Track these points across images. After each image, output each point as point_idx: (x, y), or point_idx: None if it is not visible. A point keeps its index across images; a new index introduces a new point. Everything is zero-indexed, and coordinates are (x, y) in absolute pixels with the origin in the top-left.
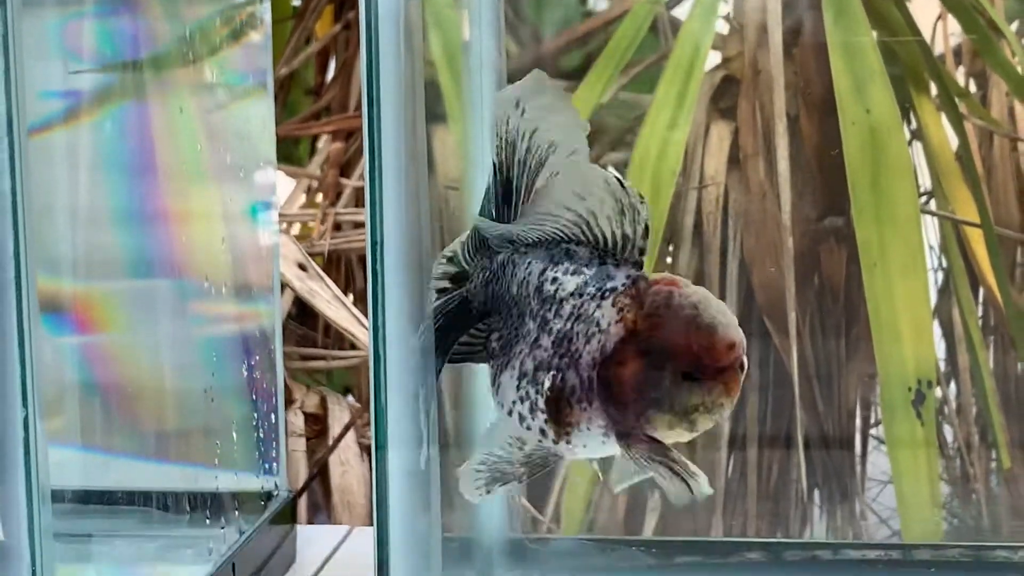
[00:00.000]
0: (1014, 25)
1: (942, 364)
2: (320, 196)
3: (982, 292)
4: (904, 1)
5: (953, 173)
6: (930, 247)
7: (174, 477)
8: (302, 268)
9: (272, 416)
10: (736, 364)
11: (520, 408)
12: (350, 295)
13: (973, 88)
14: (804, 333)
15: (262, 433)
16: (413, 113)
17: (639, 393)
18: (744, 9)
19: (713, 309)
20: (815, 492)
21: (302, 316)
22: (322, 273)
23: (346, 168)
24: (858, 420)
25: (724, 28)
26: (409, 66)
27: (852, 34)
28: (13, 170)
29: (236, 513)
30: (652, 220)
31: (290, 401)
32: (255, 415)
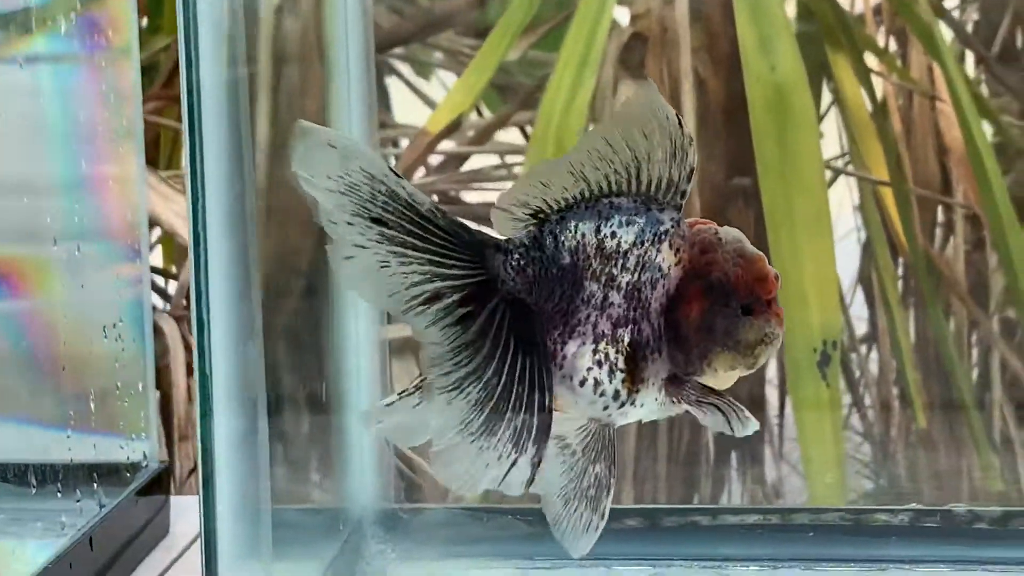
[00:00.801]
0: None
1: (864, 325)
2: None
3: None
4: None
5: (868, 132)
6: (855, 208)
7: (20, 447)
8: None
9: (139, 384)
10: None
11: (597, 373)
12: None
13: (893, 47)
14: None
15: (127, 402)
16: (237, 109)
17: (706, 332)
18: None
19: (749, 244)
20: (731, 455)
21: None
22: None
23: None
24: (776, 383)
25: None
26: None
27: None
28: None
29: (95, 485)
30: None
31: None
32: (118, 384)
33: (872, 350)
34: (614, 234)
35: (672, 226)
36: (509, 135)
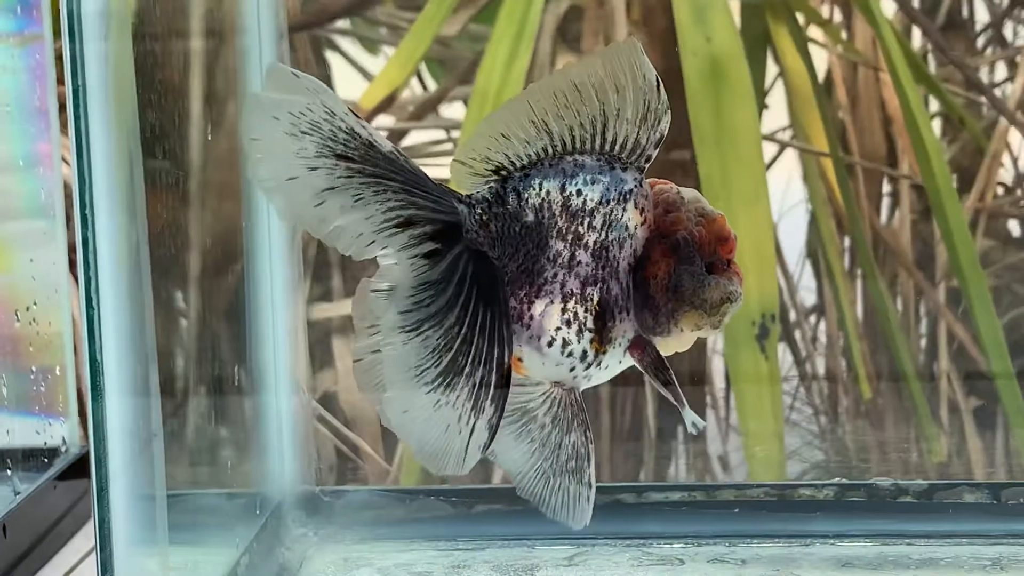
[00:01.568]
0: None
1: (813, 296)
2: None
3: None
4: None
5: (810, 104)
6: (804, 180)
7: None
8: None
9: (57, 369)
10: None
11: (566, 333)
12: None
13: (838, 17)
14: None
15: (43, 387)
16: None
17: (674, 291)
18: None
19: (708, 203)
20: (677, 430)
21: None
22: None
23: None
24: (719, 356)
25: None
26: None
27: None
28: None
29: (9, 472)
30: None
31: None
32: (32, 367)
33: (820, 322)
34: (579, 192)
35: (635, 186)
36: (453, 110)
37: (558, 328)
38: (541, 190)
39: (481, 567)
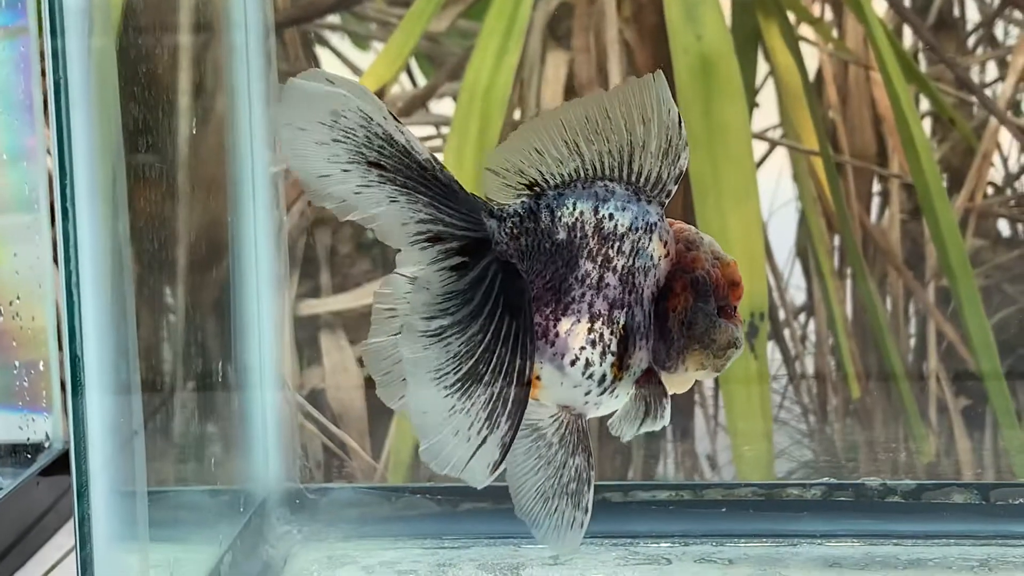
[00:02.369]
0: None
1: (802, 295)
2: None
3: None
4: None
5: (800, 101)
6: (794, 178)
7: None
8: None
9: (41, 364)
10: None
11: (590, 353)
12: None
13: (829, 16)
14: None
15: (27, 382)
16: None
17: (688, 328)
18: None
19: (720, 247)
20: (665, 429)
21: None
22: None
23: None
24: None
25: None
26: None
27: None
28: None
29: None
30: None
31: None
32: (15, 362)
33: (810, 321)
34: (611, 216)
35: (658, 219)
36: (442, 106)
37: (583, 348)
38: (575, 210)
39: (466, 565)
